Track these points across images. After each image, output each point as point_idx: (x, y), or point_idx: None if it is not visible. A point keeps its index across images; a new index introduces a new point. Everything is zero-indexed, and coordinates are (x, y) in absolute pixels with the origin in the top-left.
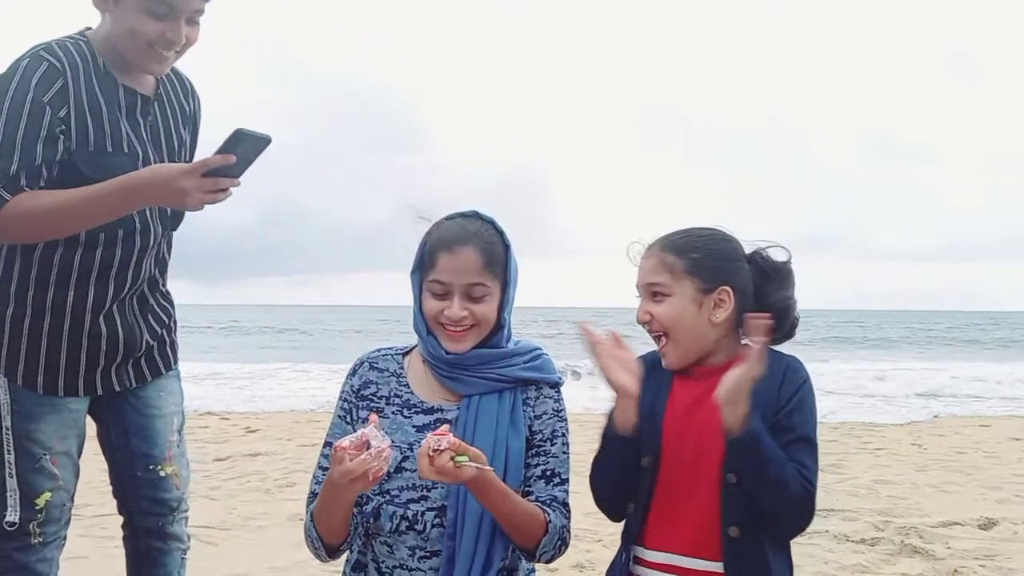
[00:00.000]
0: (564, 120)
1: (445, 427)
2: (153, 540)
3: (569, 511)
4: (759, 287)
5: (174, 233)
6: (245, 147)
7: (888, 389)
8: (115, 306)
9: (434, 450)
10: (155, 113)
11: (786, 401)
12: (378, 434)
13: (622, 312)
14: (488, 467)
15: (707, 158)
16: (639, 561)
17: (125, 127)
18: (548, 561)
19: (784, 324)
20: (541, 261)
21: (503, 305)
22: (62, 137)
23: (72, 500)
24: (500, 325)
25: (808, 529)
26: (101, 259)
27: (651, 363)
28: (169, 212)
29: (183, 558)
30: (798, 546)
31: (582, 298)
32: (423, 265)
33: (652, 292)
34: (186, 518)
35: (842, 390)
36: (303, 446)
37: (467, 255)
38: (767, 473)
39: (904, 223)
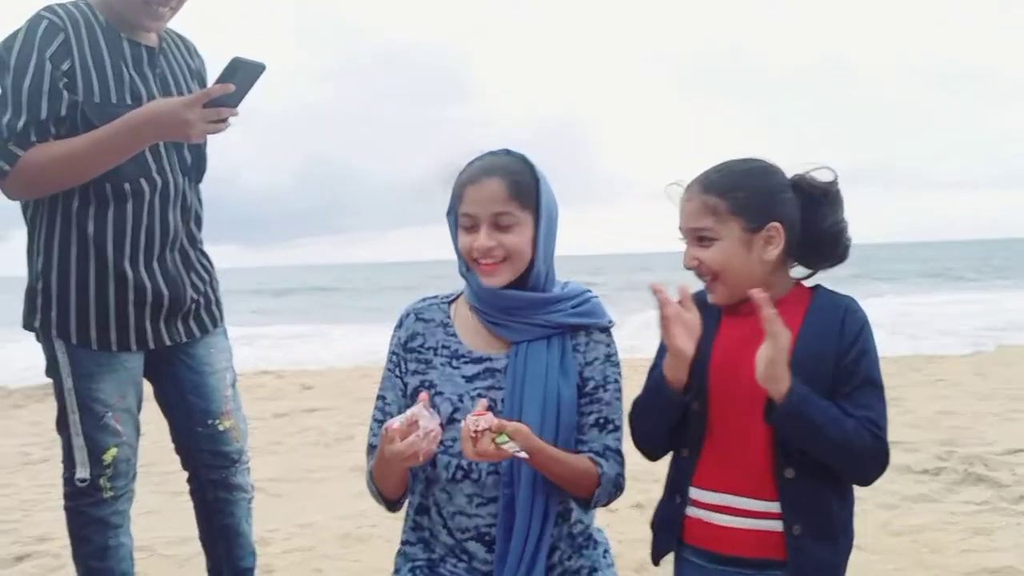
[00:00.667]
0: (605, 66)
1: (483, 403)
2: (219, 491)
3: (623, 457)
4: (807, 214)
5: (202, 187)
6: (243, 75)
7: (948, 320)
8: (156, 261)
9: (475, 432)
10: (163, 66)
11: (848, 346)
12: (427, 414)
13: (666, 257)
14: (523, 455)
15: (751, 96)
16: (694, 503)
17: (132, 78)
18: (604, 506)
19: (836, 249)
20: (584, 209)
21: (537, 239)
22: (66, 91)
23: (136, 455)
24: (535, 261)
25: None
26: (132, 214)
27: (696, 304)
28: (189, 161)
29: (249, 506)
30: None
31: (627, 245)
32: (454, 204)
33: (698, 237)
34: (248, 468)
35: (900, 323)
36: (358, 400)
37: (492, 185)
38: (825, 439)
39: (960, 152)
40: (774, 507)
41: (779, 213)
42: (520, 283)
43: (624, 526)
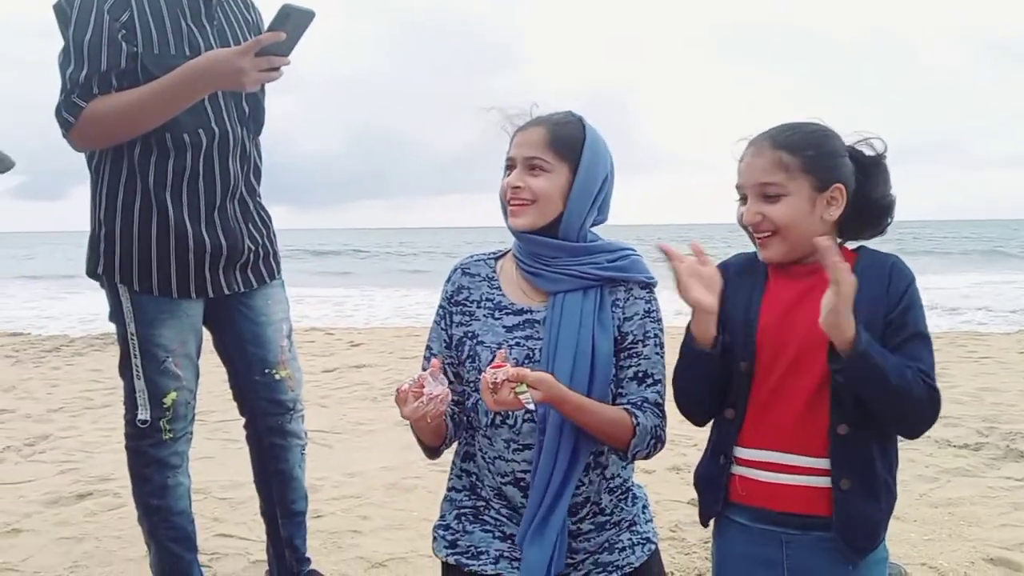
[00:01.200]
0: (650, 36)
1: (501, 353)
2: (275, 438)
3: (663, 411)
4: (858, 184)
5: (261, 141)
6: (293, 23)
7: (993, 298)
8: (216, 211)
9: (493, 383)
10: (220, 17)
11: (897, 300)
12: (432, 381)
13: (709, 228)
14: (531, 405)
15: (797, 68)
16: (740, 461)
17: (190, 29)
18: (645, 458)
19: (882, 221)
20: (631, 178)
21: (571, 192)
22: (125, 43)
23: (195, 398)
24: (565, 212)
25: None
26: (191, 164)
27: (737, 268)
28: (247, 112)
29: (303, 453)
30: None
31: (669, 215)
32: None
33: (765, 192)
34: (302, 416)
35: (944, 300)
36: (404, 358)
37: (534, 131)
38: (889, 384)
39: (1010, 129)
40: (821, 463)
41: (842, 176)
42: (551, 232)
43: (661, 487)
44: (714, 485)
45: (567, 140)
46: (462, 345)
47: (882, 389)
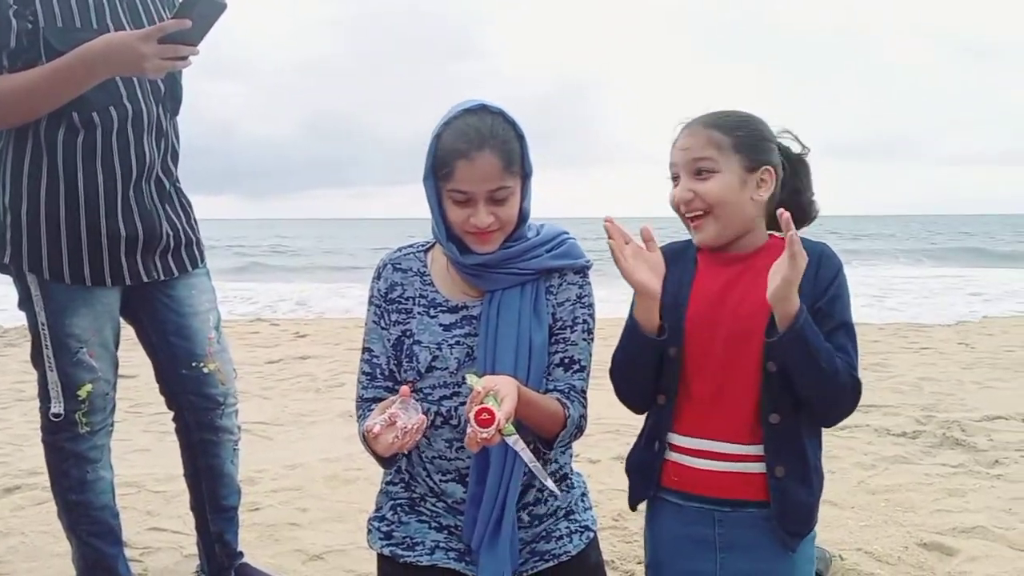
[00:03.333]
0: (617, 27)
1: (476, 391)
2: (205, 433)
3: (586, 399)
4: (787, 178)
5: (179, 120)
6: (201, 11)
7: (936, 291)
8: (131, 192)
9: (483, 440)
10: None
11: (824, 288)
12: (403, 413)
13: (674, 221)
14: (522, 449)
15: (765, 65)
16: (674, 448)
17: (97, 2)
18: (564, 447)
19: (808, 215)
20: (592, 170)
21: (523, 196)
22: (15, 19)
23: (114, 389)
24: (523, 218)
25: (849, 423)
26: (102, 142)
27: (668, 255)
28: (163, 89)
29: (235, 448)
30: (837, 439)
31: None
32: (437, 172)
33: (697, 169)
34: (236, 411)
35: (889, 293)
36: (351, 349)
37: (485, 160)
38: (819, 366)
39: (973, 126)
40: (751, 450)
41: (771, 159)
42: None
43: (605, 477)
44: (647, 470)
45: (515, 155)
46: (400, 344)
47: (813, 370)
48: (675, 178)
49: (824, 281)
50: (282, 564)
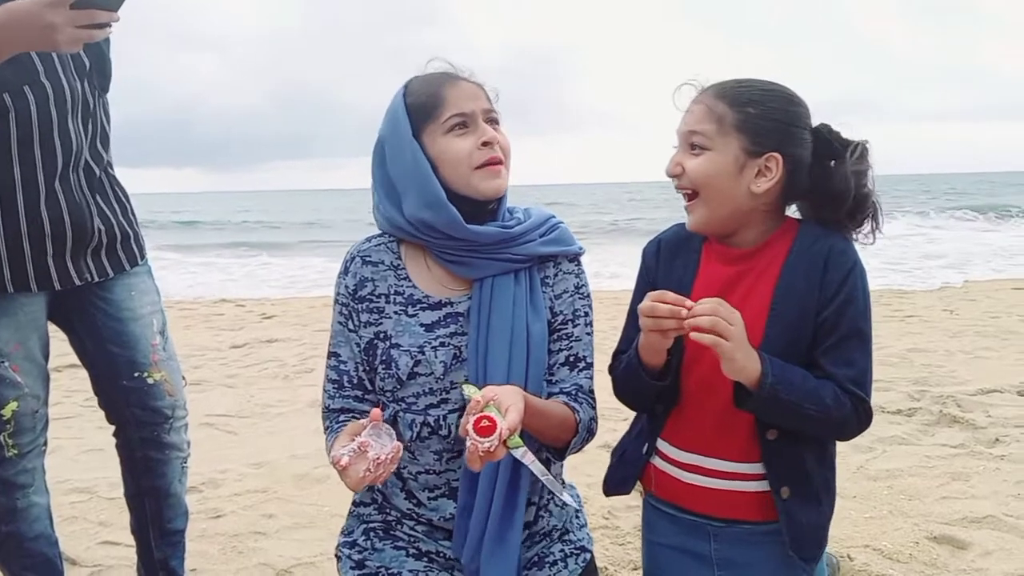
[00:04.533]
0: None
1: (474, 400)
2: (149, 451)
3: (594, 399)
4: (823, 165)
5: (109, 98)
6: None
7: (917, 255)
8: (57, 183)
9: (485, 452)
10: None
11: (832, 293)
12: (374, 442)
13: (645, 187)
14: (529, 459)
15: (734, 31)
16: (662, 455)
17: None
18: (575, 452)
19: (858, 211)
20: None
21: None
22: None
23: (45, 405)
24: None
25: None
26: (18, 128)
27: (670, 245)
28: (88, 64)
29: (183, 466)
30: None
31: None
32: (422, 119)
33: (691, 143)
34: (185, 425)
35: (870, 257)
36: (320, 331)
37: (468, 83)
38: (803, 413)
39: (942, 84)
40: (746, 468)
41: (785, 147)
42: (492, 214)
43: (591, 468)
44: (631, 467)
45: (490, 95)
46: (373, 348)
47: (797, 419)
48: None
49: (832, 286)
50: None
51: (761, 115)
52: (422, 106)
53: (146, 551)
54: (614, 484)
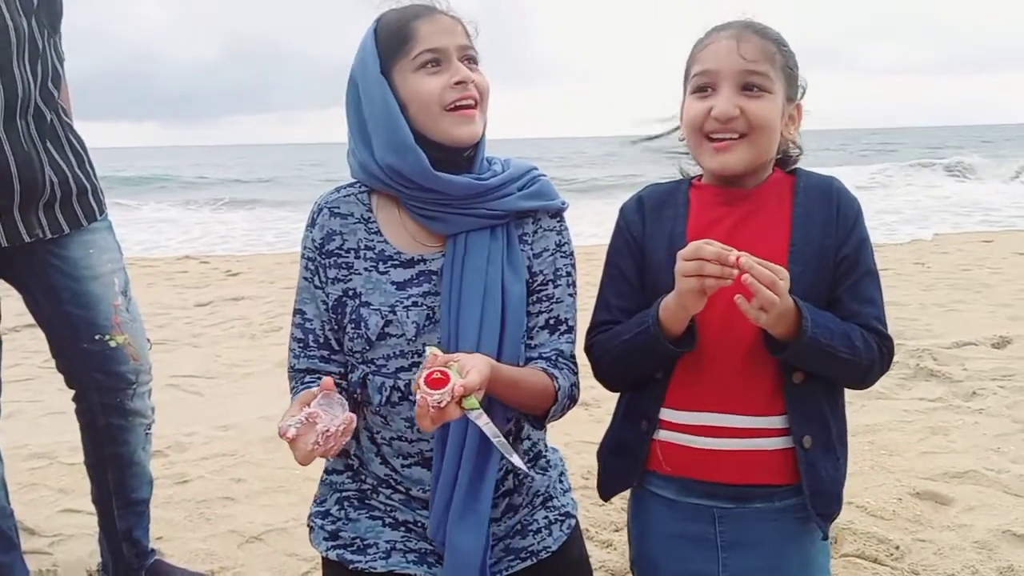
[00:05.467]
0: None
1: (434, 354)
2: (112, 417)
3: (576, 364)
4: None
5: (60, 40)
6: None
7: (885, 208)
8: (2, 131)
9: (436, 407)
10: None
11: (848, 231)
12: (325, 414)
13: (604, 142)
14: (488, 427)
15: None
16: (666, 425)
17: None
18: (555, 420)
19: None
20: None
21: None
22: None
23: None
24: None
25: None
26: None
27: (654, 201)
28: (35, 2)
29: (147, 433)
30: None
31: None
32: (392, 52)
33: (748, 84)
34: (149, 391)
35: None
36: (287, 288)
37: (446, 17)
38: (838, 359)
39: (899, 37)
40: (767, 422)
41: (799, 94)
42: (468, 163)
43: (569, 427)
44: (631, 455)
45: (471, 29)
46: (342, 306)
47: (830, 365)
48: (702, 89)
49: (847, 222)
50: (214, 549)
51: (791, 60)
52: (392, 40)
53: (108, 521)
54: (615, 480)
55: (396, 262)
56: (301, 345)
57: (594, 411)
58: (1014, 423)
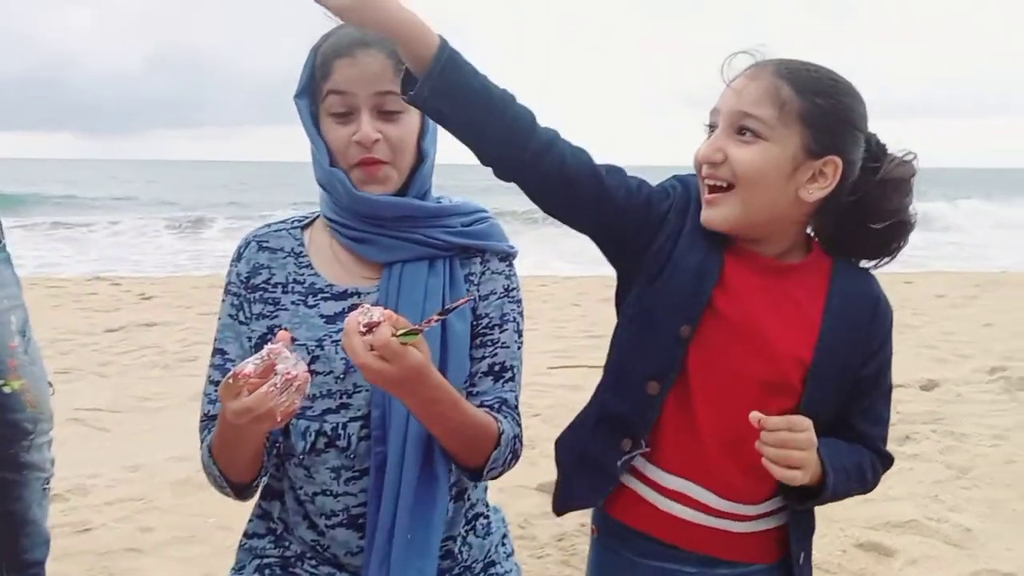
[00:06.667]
0: None
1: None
2: (4, 471)
3: (519, 417)
4: (867, 178)
5: None
6: None
7: None
8: None
9: (366, 325)
10: None
11: (876, 349)
12: (288, 355)
13: None
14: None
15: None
16: (638, 474)
17: None
18: (495, 478)
19: (890, 245)
20: None
21: (423, 132)
22: None
23: None
24: (421, 158)
25: None
26: None
27: (696, 210)
28: None
29: (44, 488)
30: None
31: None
32: (314, 80)
33: (741, 127)
34: (48, 442)
35: None
36: (204, 315)
37: (373, 58)
38: (849, 494)
39: None
40: (743, 509)
41: (844, 150)
42: (401, 188)
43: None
44: (600, 472)
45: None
46: (264, 343)
47: (840, 499)
48: (711, 127)
49: (877, 339)
50: None
51: (830, 109)
52: (318, 70)
53: None
54: (578, 495)
55: (327, 295)
56: (217, 388)
57: (528, 452)
58: (947, 469)
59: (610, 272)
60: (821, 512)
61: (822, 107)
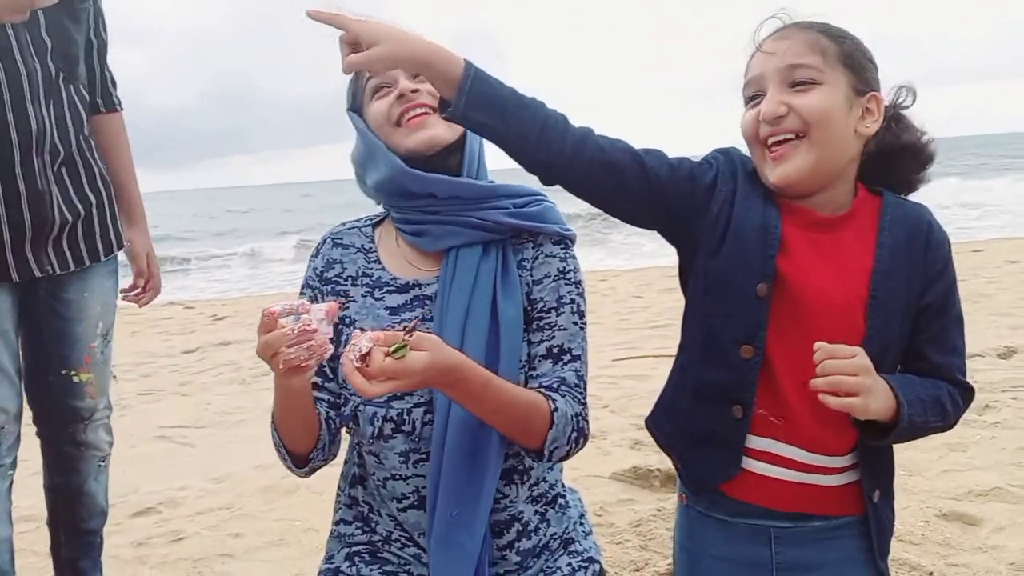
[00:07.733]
0: None
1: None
2: (64, 445)
3: (584, 396)
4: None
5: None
6: None
7: None
8: (17, 168)
9: (360, 359)
10: None
11: (938, 274)
12: (319, 315)
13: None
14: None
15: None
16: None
17: None
18: (564, 458)
19: (920, 171)
20: None
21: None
22: None
23: (16, 421)
24: (467, 137)
25: None
26: None
27: (747, 174)
28: (50, 47)
29: (101, 464)
30: None
31: None
32: (357, 85)
33: (794, 79)
34: (105, 425)
35: None
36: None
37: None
38: (931, 428)
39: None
40: (826, 461)
41: (878, 87)
42: (455, 167)
43: (576, 460)
44: (723, 446)
45: None
46: (337, 333)
47: (921, 435)
48: (753, 99)
49: (937, 264)
50: None
51: (859, 51)
52: (359, 89)
53: (55, 547)
54: (706, 474)
55: (392, 288)
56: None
57: (600, 443)
58: None
59: (669, 262)
60: (899, 484)
61: (853, 50)
